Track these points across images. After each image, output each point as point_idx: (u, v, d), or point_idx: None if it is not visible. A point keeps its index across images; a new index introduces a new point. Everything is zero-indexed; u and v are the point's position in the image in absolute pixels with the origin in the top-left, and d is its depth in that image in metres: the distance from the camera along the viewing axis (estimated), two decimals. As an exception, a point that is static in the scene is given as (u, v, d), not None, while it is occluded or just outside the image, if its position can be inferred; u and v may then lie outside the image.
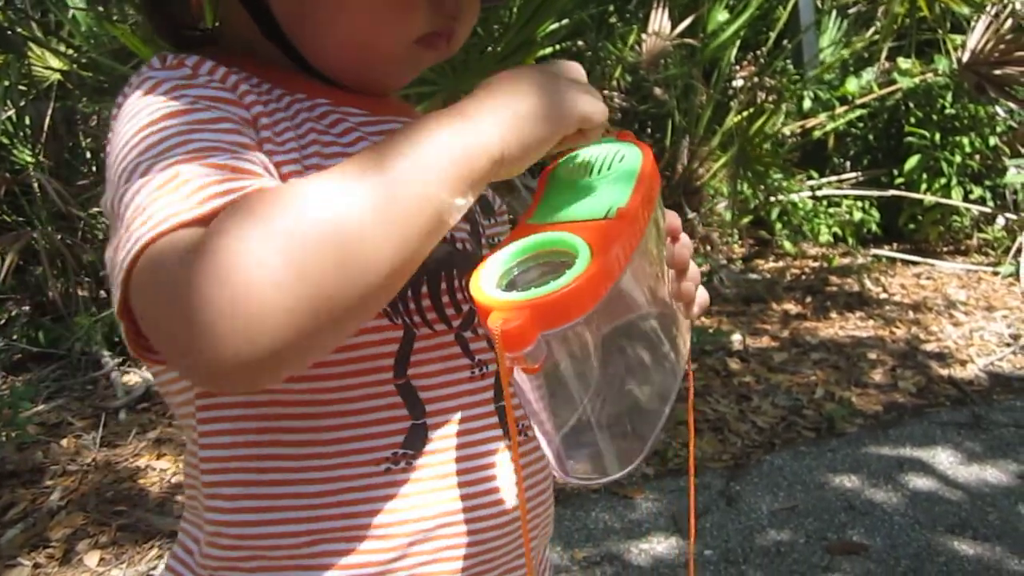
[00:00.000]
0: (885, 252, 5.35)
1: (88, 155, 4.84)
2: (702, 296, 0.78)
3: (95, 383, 3.65)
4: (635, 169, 0.68)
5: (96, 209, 4.55)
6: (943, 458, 2.85)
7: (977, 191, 5.24)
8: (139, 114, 0.65)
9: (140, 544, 2.46)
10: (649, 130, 5.85)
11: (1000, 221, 5.14)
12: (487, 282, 0.59)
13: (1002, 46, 5.06)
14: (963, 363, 3.67)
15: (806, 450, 2.93)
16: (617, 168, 0.69)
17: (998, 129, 5.31)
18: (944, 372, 3.58)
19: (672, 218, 0.76)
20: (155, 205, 0.57)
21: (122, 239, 0.58)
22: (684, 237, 0.77)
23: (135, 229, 0.57)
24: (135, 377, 3.68)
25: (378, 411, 0.69)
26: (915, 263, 5.16)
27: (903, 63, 5.47)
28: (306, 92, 0.74)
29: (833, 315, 4.31)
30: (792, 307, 4.48)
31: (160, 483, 2.82)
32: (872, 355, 3.76)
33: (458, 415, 0.72)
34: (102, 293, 4.23)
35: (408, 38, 0.74)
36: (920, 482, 2.70)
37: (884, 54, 5.35)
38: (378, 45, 0.73)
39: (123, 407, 3.42)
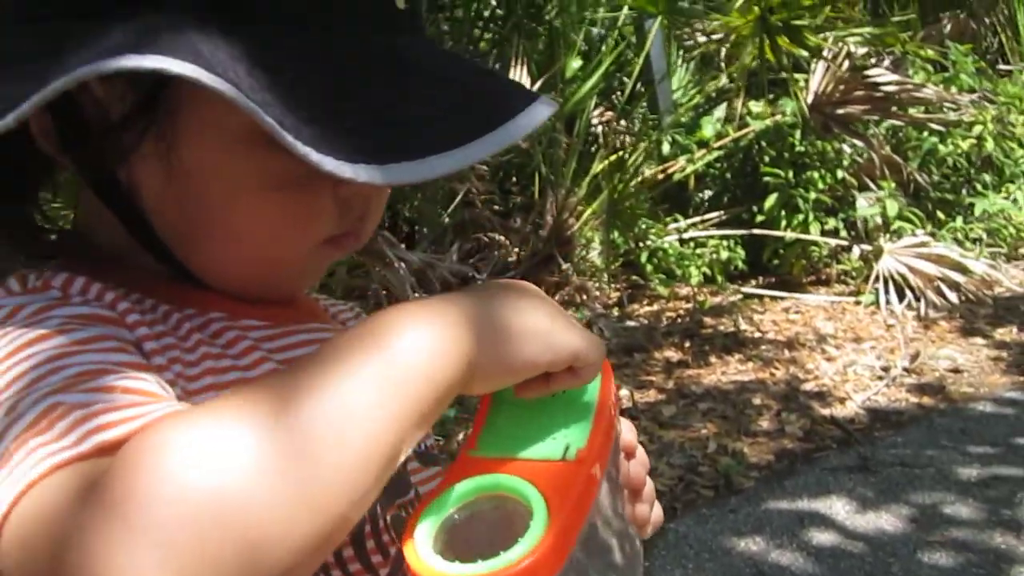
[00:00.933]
0: (754, 290, 5.51)
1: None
2: (657, 516, 0.71)
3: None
4: (593, 395, 0.60)
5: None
6: (839, 508, 2.89)
7: (831, 223, 5.47)
8: None
9: None
10: (515, 179, 5.86)
11: (856, 251, 5.38)
12: (424, 545, 0.50)
13: (842, 87, 5.34)
14: (842, 400, 3.78)
15: (708, 512, 2.92)
16: (572, 392, 0.60)
17: (844, 163, 5.57)
18: (826, 412, 3.67)
19: (627, 431, 0.68)
20: (28, 447, 0.44)
21: None
22: (640, 452, 0.70)
23: (3, 479, 0.44)
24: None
25: None
26: (782, 298, 5.32)
27: (754, 107, 5.69)
28: (196, 306, 0.63)
29: (713, 359, 4.38)
30: (673, 353, 4.52)
31: None
32: (756, 400, 3.83)
33: None
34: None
35: (313, 244, 0.64)
36: (822, 537, 2.72)
37: (741, 97, 5.53)
38: (281, 258, 0.64)
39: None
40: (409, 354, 0.47)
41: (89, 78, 0.47)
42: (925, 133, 5.86)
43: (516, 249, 5.35)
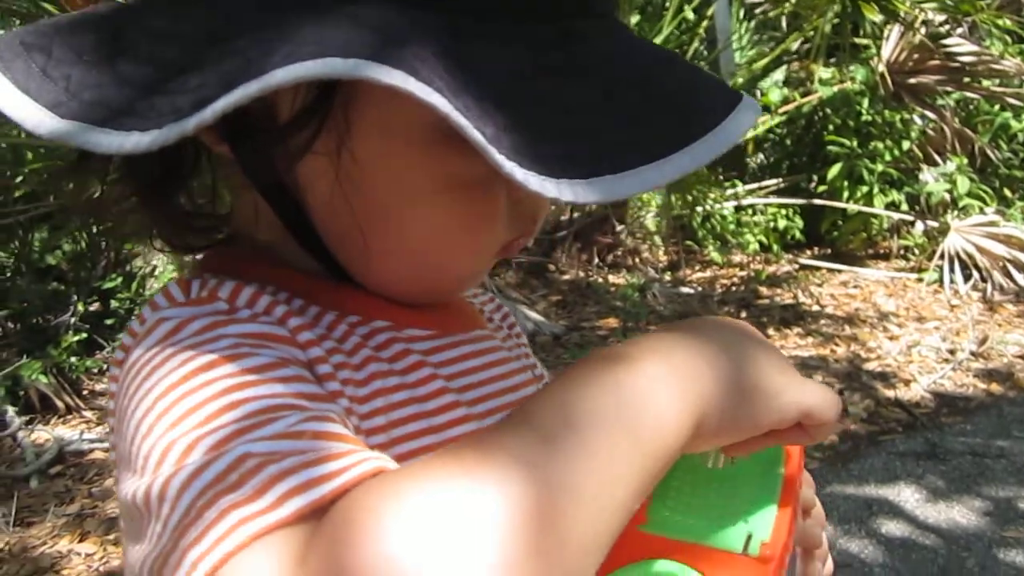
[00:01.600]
0: (810, 260, 5.39)
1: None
2: (828, 571, 0.68)
3: (0, 445, 3.32)
4: (778, 468, 0.54)
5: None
6: (908, 496, 2.82)
7: (895, 196, 5.32)
8: (163, 368, 0.46)
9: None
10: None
11: (919, 227, 5.23)
12: None
13: (916, 55, 5.16)
14: (907, 383, 3.69)
15: (772, 492, 2.87)
16: (756, 456, 0.54)
17: (912, 135, 5.39)
18: (890, 394, 3.59)
19: (806, 487, 0.65)
20: (217, 506, 0.39)
21: (170, 561, 0.39)
22: (817, 509, 0.67)
23: (192, 543, 0.38)
24: (44, 435, 3.36)
25: None
26: (839, 271, 5.20)
27: (822, 72, 5.51)
28: (360, 312, 0.58)
29: (771, 332, 4.29)
30: (729, 324, 4.44)
31: (87, 573, 2.55)
32: (817, 377, 3.74)
33: None
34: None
35: (489, 253, 0.59)
36: (891, 526, 2.66)
37: (819, 61, 5.35)
38: (453, 264, 0.59)
39: (34, 473, 3.11)
40: (657, 426, 0.43)
41: (288, 84, 0.41)
42: (997, 107, 5.66)
43: (569, 209, 5.26)
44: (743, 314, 4.55)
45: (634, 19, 5.40)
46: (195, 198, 0.62)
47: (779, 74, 5.88)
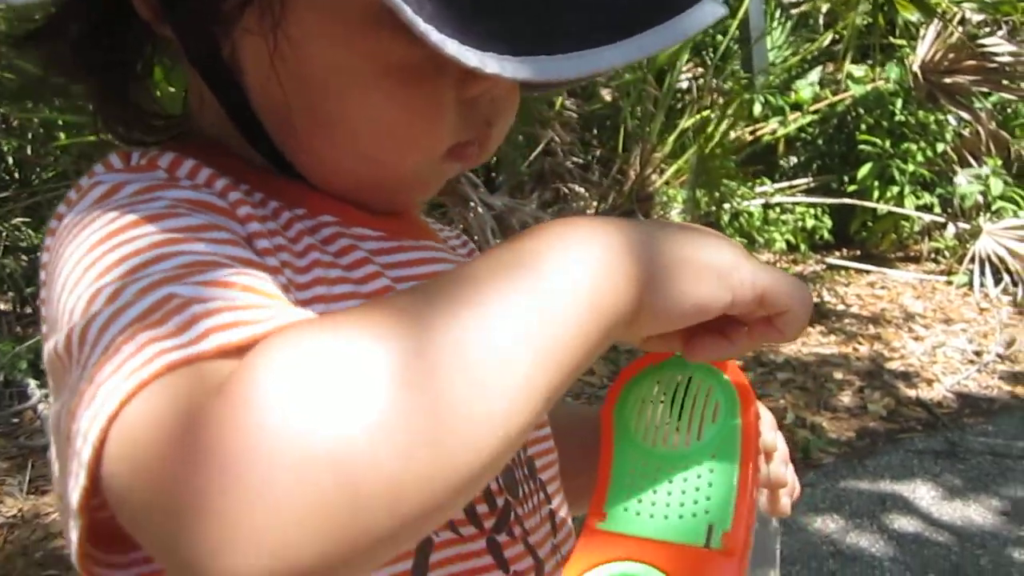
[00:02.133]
0: (837, 260, 5.32)
1: (10, 161, 4.51)
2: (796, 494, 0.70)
3: (20, 417, 3.37)
4: (732, 440, 0.51)
5: (18, 220, 4.23)
6: (924, 493, 2.77)
7: (926, 198, 5.24)
8: (92, 225, 0.45)
9: (76, 617, 2.22)
10: (596, 132, 5.73)
11: (951, 229, 5.14)
12: None
13: (952, 55, 5.07)
14: (929, 383, 3.62)
15: (784, 485, 2.82)
16: (707, 423, 0.52)
17: (947, 136, 5.30)
18: (912, 393, 3.52)
19: (766, 429, 0.63)
20: (137, 340, 0.38)
21: (84, 397, 0.37)
22: (780, 446, 0.66)
23: (109, 374, 0.37)
24: (63, 409, 3.41)
25: None
26: (868, 272, 5.13)
27: (855, 71, 5.44)
28: (307, 206, 0.56)
29: (793, 329, 4.24)
30: (751, 321, 4.39)
31: (96, 539, 2.58)
32: (838, 375, 3.69)
33: None
34: (27, 310, 3.93)
35: (433, 154, 0.56)
36: (905, 521, 2.61)
37: (848, 59, 5.28)
38: (395, 165, 0.56)
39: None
40: (567, 283, 0.40)
41: None
42: (1035, 110, 5.55)
43: (595, 202, 5.24)
44: (766, 311, 4.50)
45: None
46: (153, 98, 0.61)
47: (814, 75, 5.81)
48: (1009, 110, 5.63)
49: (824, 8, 5.70)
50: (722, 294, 0.44)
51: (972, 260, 4.73)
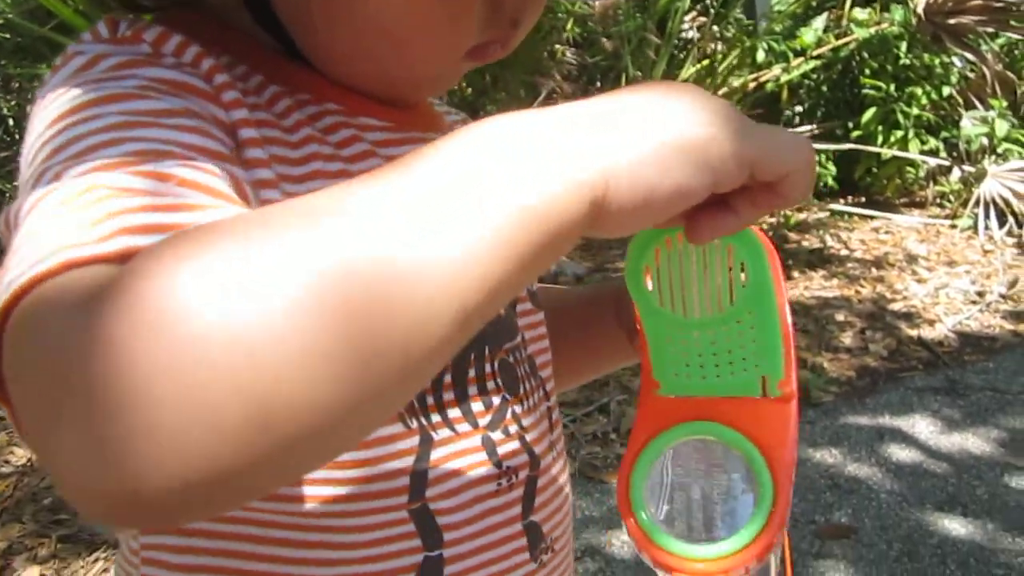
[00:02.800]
0: (842, 207, 5.29)
1: (11, 122, 4.51)
2: None
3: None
4: (766, 286, 0.48)
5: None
6: (923, 427, 2.78)
7: (932, 142, 5.19)
8: (60, 99, 0.45)
9: (84, 557, 2.27)
10: (600, 83, 5.68)
11: (956, 173, 5.10)
12: (652, 522, 0.48)
13: (958, -6, 4.99)
14: (931, 323, 3.62)
15: (783, 423, 2.84)
16: (736, 285, 0.48)
17: (952, 79, 5.24)
18: (913, 333, 3.52)
19: None
20: (48, 230, 0.37)
21: (3, 272, 0.37)
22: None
23: (16, 263, 0.36)
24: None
25: (385, 543, 0.52)
26: (872, 217, 5.10)
27: (859, 14, 5.36)
28: (311, 92, 0.55)
29: (796, 274, 4.23)
30: (754, 267, 4.38)
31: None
32: (840, 316, 3.69)
33: (481, 540, 0.56)
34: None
35: (456, 54, 0.55)
36: (903, 454, 2.62)
37: (847, 4, 5.22)
38: (414, 56, 0.54)
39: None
40: (509, 167, 0.35)
41: None
42: (1043, 51, 5.47)
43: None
44: (769, 257, 4.49)
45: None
46: None
47: (819, 21, 5.73)
48: (1016, 51, 5.55)
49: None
50: (700, 178, 0.38)
51: (977, 203, 4.70)
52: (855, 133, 5.27)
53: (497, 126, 0.37)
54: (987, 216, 4.62)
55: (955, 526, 2.26)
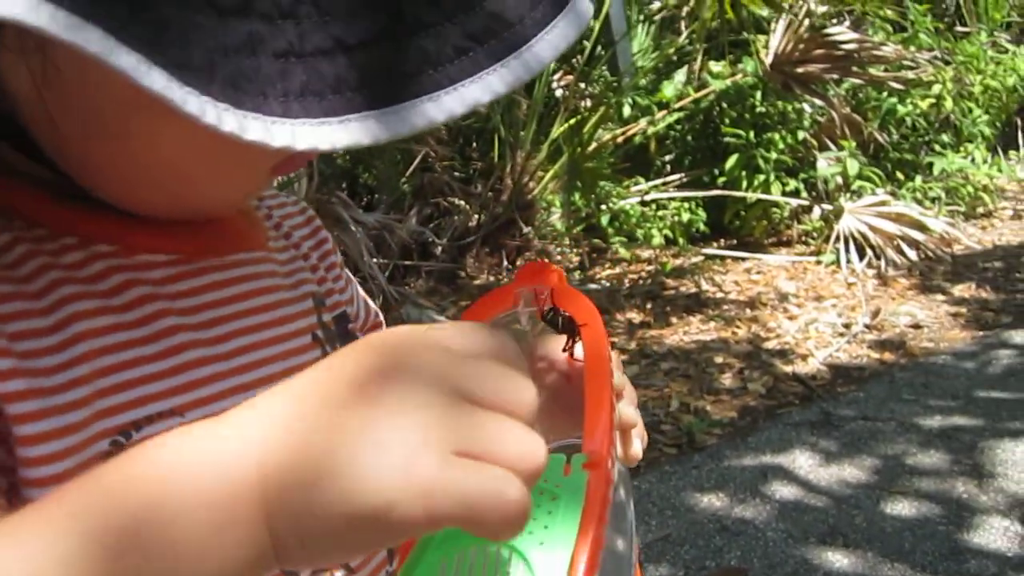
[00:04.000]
0: (715, 251, 5.49)
1: None
2: (643, 441, 0.60)
3: None
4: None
5: None
6: (802, 462, 2.87)
7: (792, 184, 5.46)
8: None
9: None
10: (475, 144, 5.77)
11: (817, 211, 5.37)
12: None
13: (802, 46, 5.30)
14: (804, 358, 3.77)
15: (671, 469, 2.89)
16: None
17: (805, 124, 5.54)
18: (788, 369, 3.66)
19: (618, 371, 0.55)
20: None
21: None
22: (628, 390, 0.57)
23: None
24: None
25: None
26: (744, 259, 5.31)
27: (714, 66, 5.64)
28: (78, 233, 0.49)
29: (674, 320, 4.35)
30: (635, 315, 4.48)
31: None
32: (719, 359, 3.80)
33: None
34: None
35: (257, 176, 0.51)
36: (785, 491, 2.70)
37: (700, 58, 5.48)
38: (210, 193, 0.51)
39: None
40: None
41: None
42: (885, 93, 5.85)
43: (476, 214, 5.28)
44: (648, 305, 4.60)
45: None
46: None
47: (680, 74, 5.99)
48: (860, 95, 5.92)
49: (684, 10, 5.90)
50: (384, 543, 0.35)
51: (838, 239, 4.95)
52: (721, 179, 5.50)
53: (146, 494, 0.32)
54: (847, 251, 4.87)
55: (838, 557, 2.33)
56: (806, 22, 5.36)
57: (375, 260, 4.18)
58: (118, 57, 0.33)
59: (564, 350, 0.52)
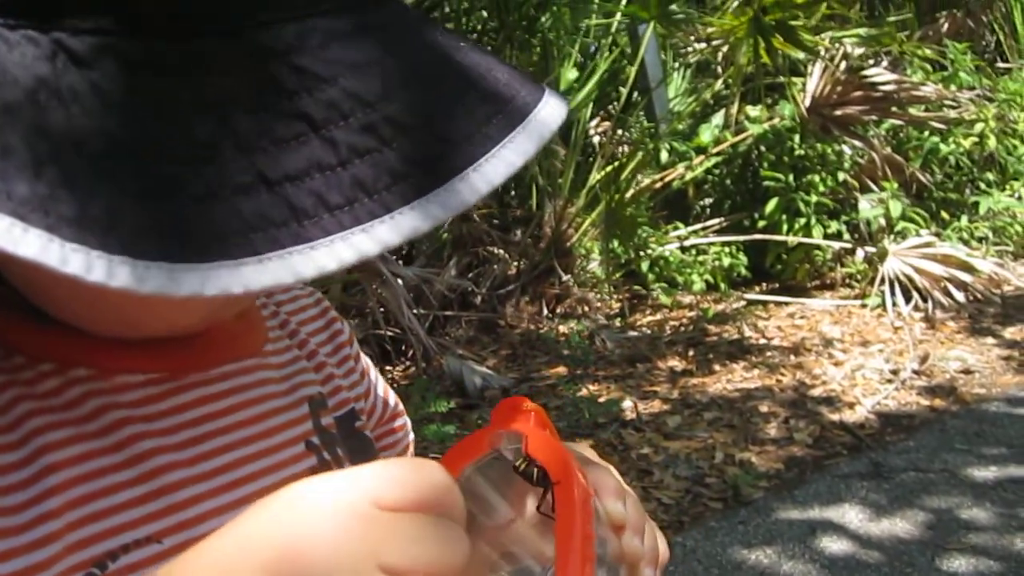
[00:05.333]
0: (757, 296, 5.43)
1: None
2: (662, 552, 0.55)
3: None
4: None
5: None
6: (852, 516, 2.80)
7: (834, 226, 5.40)
8: None
9: None
10: (513, 192, 5.80)
11: (860, 254, 5.30)
12: None
13: (839, 88, 5.29)
14: (851, 406, 3.69)
15: (716, 525, 2.83)
16: None
17: (845, 165, 5.50)
18: (835, 418, 3.58)
19: (610, 502, 0.51)
20: None
21: None
22: (632, 514, 0.52)
23: None
24: None
25: None
26: (787, 304, 5.24)
27: (751, 111, 5.63)
28: (57, 359, 0.49)
29: (717, 367, 4.29)
30: (677, 363, 4.44)
31: None
32: (763, 408, 3.74)
33: None
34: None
35: (208, 306, 0.50)
36: (835, 547, 2.63)
37: (737, 103, 5.48)
38: (159, 325, 0.50)
39: None
40: None
41: None
42: (926, 133, 5.79)
43: (515, 262, 5.28)
44: (691, 352, 4.55)
45: (572, 75, 5.51)
46: None
47: (717, 118, 5.99)
48: (901, 135, 5.86)
49: (720, 55, 5.92)
50: None
51: (882, 282, 4.87)
52: (761, 223, 5.46)
53: None
54: (893, 293, 4.78)
55: (892, 618, 2.26)
56: (843, 64, 5.35)
57: (415, 312, 4.19)
58: None
59: (537, 508, 0.49)
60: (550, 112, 0.42)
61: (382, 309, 4.10)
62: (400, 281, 4.01)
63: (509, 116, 0.41)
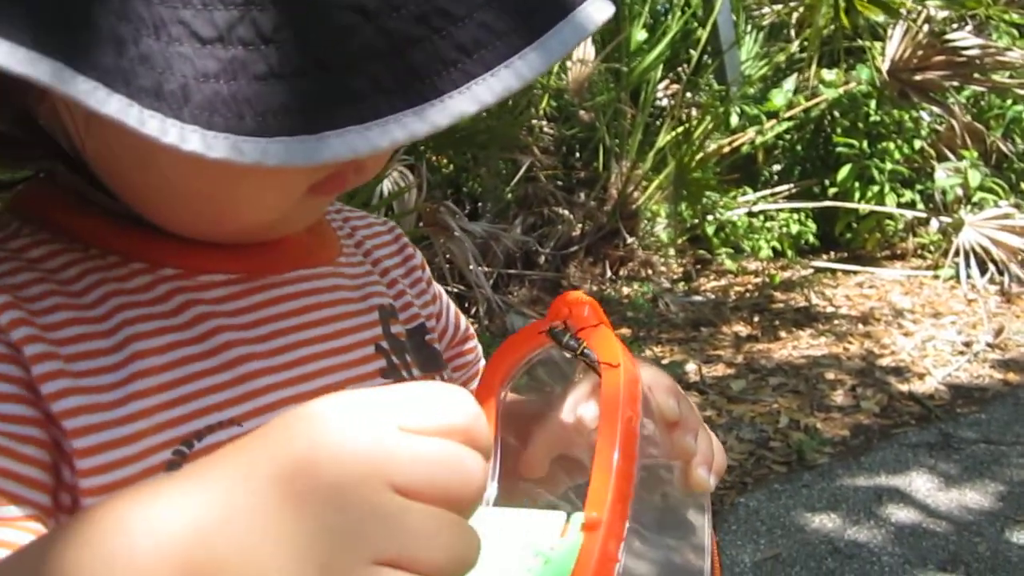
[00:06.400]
0: (824, 263, 5.34)
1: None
2: (719, 461, 0.58)
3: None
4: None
5: None
6: (920, 485, 2.77)
7: (908, 195, 5.27)
8: None
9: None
10: (579, 154, 5.77)
11: (934, 224, 5.17)
12: None
13: (920, 52, 5.12)
14: (921, 376, 3.63)
15: (780, 488, 2.82)
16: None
17: (923, 133, 5.35)
18: (904, 388, 3.53)
19: (662, 398, 0.53)
20: None
21: None
22: (686, 419, 0.55)
23: None
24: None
25: None
26: (855, 272, 5.15)
27: (826, 74, 5.49)
28: (147, 259, 0.53)
29: (783, 334, 4.25)
30: (742, 328, 4.40)
31: None
32: (830, 375, 3.70)
33: None
34: None
35: (288, 196, 0.51)
36: (902, 514, 2.60)
37: (814, 66, 5.35)
38: (240, 214, 0.52)
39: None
40: None
41: None
42: (1009, 101, 5.59)
43: (580, 224, 5.27)
44: (756, 318, 4.51)
45: (641, 35, 5.44)
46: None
47: (789, 82, 5.86)
48: (983, 103, 5.68)
49: (794, 17, 5.78)
50: None
51: (957, 253, 4.74)
52: (832, 190, 5.36)
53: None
54: (968, 265, 4.66)
55: (959, 586, 2.24)
56: (925, 28, 5.18)
57: (481, 268, 4.22)
58: (73, 85, 0.35)
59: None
60: None
61: (448, 264, 4.13)
62: (468, 236, 4.03)
63: None
